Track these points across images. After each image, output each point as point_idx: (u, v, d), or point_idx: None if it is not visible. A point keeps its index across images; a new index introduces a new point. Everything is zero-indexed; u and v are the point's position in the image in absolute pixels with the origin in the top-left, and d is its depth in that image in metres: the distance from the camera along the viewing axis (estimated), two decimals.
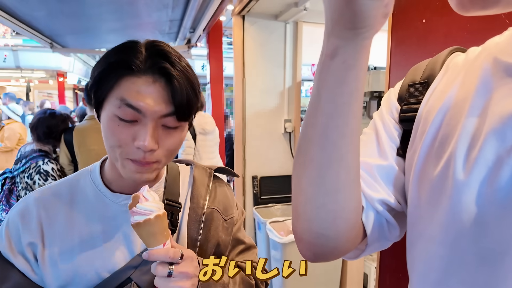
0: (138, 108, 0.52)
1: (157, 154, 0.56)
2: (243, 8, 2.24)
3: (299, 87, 2.59)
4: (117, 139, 0.54)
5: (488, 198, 0.32)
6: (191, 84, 0.56)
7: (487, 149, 0.33)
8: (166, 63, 0.54)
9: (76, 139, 1.95)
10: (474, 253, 0.33)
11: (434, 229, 0.37)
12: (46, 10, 2.35)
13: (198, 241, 0.67)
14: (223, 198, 0.74)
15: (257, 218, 2.24)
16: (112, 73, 0.54)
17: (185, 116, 0.56)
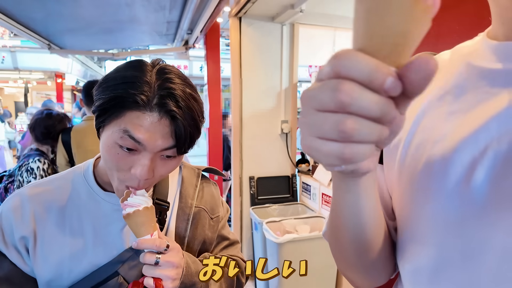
0: (140, 142, 0.53)
1: (151, 181, 0.59)
2: (239, 10, 2.25)
3: (296, 88, 2.60)
4: (115, 165, 0.56)
5: (466, 198, 0.34)
6: (195, 121, 0.56)
7: (462, 150, 0.34)
8: (173, 105, 0.53)
9: (74, 140, 1.96)
10: (459, 252, 0.34)
11: (421, 230, 0.38)
12: (44, 12, 2.36)
13: (186, 239, 0.70)
14: (210, 197, 0.77)
15: (254, 218, 2.25)
16: (118, 104, 0.53)
17: (186, 150, 0.57)
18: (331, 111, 0.25)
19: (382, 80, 0.23)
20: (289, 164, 2.61)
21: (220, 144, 3.59)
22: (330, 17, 2.49)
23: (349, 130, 0.24)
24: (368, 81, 0.23)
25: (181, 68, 8.63)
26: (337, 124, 0.24)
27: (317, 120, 0.26)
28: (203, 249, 0.73)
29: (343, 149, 0.25)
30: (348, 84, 0.23)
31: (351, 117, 0.24)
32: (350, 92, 0.23)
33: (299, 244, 1.89)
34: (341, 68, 0.24)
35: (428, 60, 0.23)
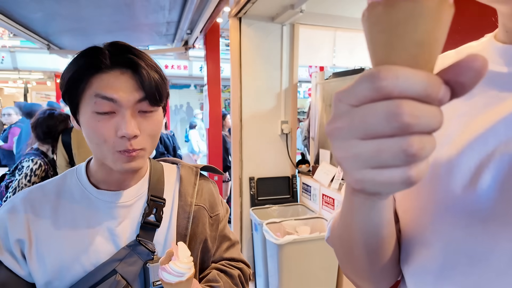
0: (112, 98, 0.56)
1: (142, 140, 0.60)
2: (239, 10, 2.25)
3: (296, 89, 2.60)
4: (100, 135, 0.57)
5: (472, 202, 0.33)
6: (156, 71, 0.61)
7: (469, 154, 0.34)
8: (130, 55, 0.58)
9: (75, 140, 1.95)
10: (465, 255, 0.34)
11: (427, 233, 0.38)
12: (43, 12, 2.35)
13: (187, 237, 0.70)
14: (209, 195, 0.77)
15: (254, 219, 2.25)
16: (82, 76, 0.57)
17: (157, 100, 0.60)
18: (387, 136, 0.22)
19: (438, 91, 0.22)
20: (289, 165, 2.61)
21: (219, 144, 3.59)
22: (331, 17, 2.49)
23: (417, 151, 0.22)
24: (425, 95, 0.22)
25: (181, 68, 8.62)
26: (402, 148, 0.22)
27: (368, 150, 0.23)
28: (204, 248, 0.74)
29: (408, 172, 0.23)
30: (408, 103, 0.21)
31: (415, 137, 0.22)
32: (413, 111, 0.21)
33: (300, 245, 1.89)
34: (393, 88, 0.21)
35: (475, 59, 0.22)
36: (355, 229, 0.38)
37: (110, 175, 0.65)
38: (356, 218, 0.36)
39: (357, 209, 0.35)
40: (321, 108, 2.36)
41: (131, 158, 0.59)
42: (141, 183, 0.70)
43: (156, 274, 0.63)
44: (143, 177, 0.71)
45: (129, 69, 0.58)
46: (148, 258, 0.65)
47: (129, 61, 0.58)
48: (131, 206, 0.67)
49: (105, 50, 0.59)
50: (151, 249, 0.65)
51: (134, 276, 0.63)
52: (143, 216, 0.66)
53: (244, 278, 0.79)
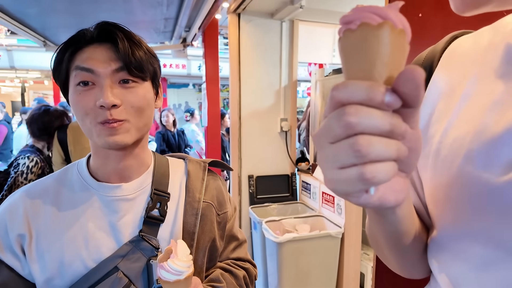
0: (89, 68, 0.57)
1: (123, 111, 0.58)
2: (238, 6, 2.22)
3: (295, 86, 2.57)
4: (82, 107, 0.57)
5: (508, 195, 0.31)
6: (138, 44, 0.61)
7: (506, 144, 0.32)
8: (105, 27, 0.59)
9: (71, 137, 1.92)
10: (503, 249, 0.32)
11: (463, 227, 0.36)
12: (38, 7, 2.31)
13: (196, 234, 0.67)
14: (218, 192, 0.74)
15: (253, 217, 2.22)
16: (65, 53, 0.59)
17: (136, 69, 0.59)
18: (342, 138, 0.25)
19: (381, 96, 0.25)
20: (289, 163, 2.58)
21: (218, 143, 3.56)
22: (331, 14, 2.46)
23: (363, 148, 0.24)
24: (368, 99, 0.25)
25: (179, 67, 8.59)
26: (351, 146, 0.25)
27: (332, 152, 0.26)
28: (212, 247, 0.71)
29: (362, 169, 0.25)
30: (352, 106, 0.25)
31: (362, 136, 0.25)
32: (355, 112, 0.24)
33: (299, 243, 1.86)
34: (341, 96, 0.25)
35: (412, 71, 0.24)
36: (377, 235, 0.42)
37: (106, 161, 0.63)
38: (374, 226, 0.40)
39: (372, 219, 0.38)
40: (320, 105, 2.34)
41: (113, 130, 0.57)
42: (144, 176, 0.67)
43: None
44: (146, 169, 0.68)
45: (108, 41, 0.59)
46: (152, 255, 0.62)
47: (108, 32, 0.58)
48: (133, 200, 0.64)
49: (88, 28, 0.61)
50: (155, 245, 0.62)
51: (137, 273, 0.61)
52: (146, 210, 0.64)
53: (249, 279, 0.76)
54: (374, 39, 0.25)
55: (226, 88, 8.35)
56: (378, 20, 0.25)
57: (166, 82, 9.67)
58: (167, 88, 9.90)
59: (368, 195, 0.27)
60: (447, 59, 0.43)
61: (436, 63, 0.44)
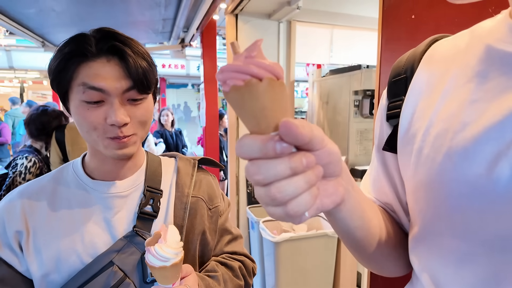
0: (100, 88, 0.56)
1: (131, 127, 0.60)
2: (236, 7, 2.23)
3: (293, 86, 2.58)
4: (90, 122, 0.58)
5: (488, 191, 0.32)
6: (143, 57, 0.60)
7: (486, 141, 0.32)
8: (115, 42, 0.57)
9: (69, 137, 1.93)
10: (481, 244, 0.33)
11: (443, 224, 0.37)
12: (36, 8, 2.32)
13: (184, 228, 0.69)
14: (208, 187, 0.76)
15: (251, 217, 2.23)
16: (68, 64, 0.57)
17: (145, 87, 0.59)
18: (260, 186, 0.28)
19: (273, 149, 0.26)
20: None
21: (216, 143, 3.57)
22: (327, 15, 2.48)
23: (276, 195, 0.27)
24: (264, 154, 0.27)
25: (178, 67, 8.59)
26: (267, 195, 0.27)
27: (257, 193, 0.29)
28: (203, 240, 0.72)
29: (285, 209, 0.28)
30: (253, 163, 0.27)
31: (273, 185, 0.27)
32: (257, 169, 0.27)
33: (296, 243, 1.87)
34: (243, 155, 0.28)
35: (285, 125, 0.26)
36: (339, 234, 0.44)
37: (104, 163, 0.65)
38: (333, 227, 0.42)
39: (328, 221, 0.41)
40: (318, 105, 2.35)
41: (122, 145, 0.59)
42: (137, 174, 0.69)
43: None
44: (139, 168, 0.70)
45: (116, 56, 0.57)
46: None
47: (115, 48, 0.57)
48: (127, 196, 0.66)
49: (90, 37, 0.58)
50: None
51: (132, 267, 0.63)
52: (139, 206, 0.66)
53: (246, 271, 0.77)
54: (247, 97, 0.27)
55: None
56: (243, 78, 0.26)
57: (165, 82, 9.67)
58: (166, 88, 9.89)
59: (304, 216, 0.29)
60: (427, 61, 0.44)
61: (416, 65, 0.45)
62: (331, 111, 2.19)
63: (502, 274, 0.32)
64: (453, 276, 0.36)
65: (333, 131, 2.19)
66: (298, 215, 0.28)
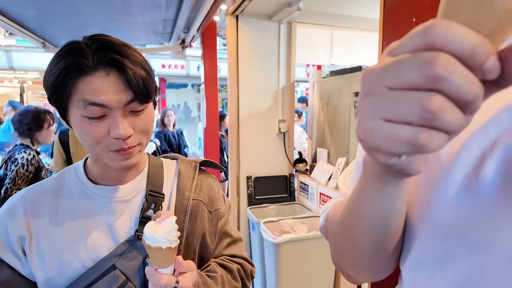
0: (102, 104, 0.55)
1: (135, 138, 0.60)
2: (236, 8, 2.24)
3: (293, 88, 2.59)
4: (93, 137, 0.57)
5: (474, 192, 0.32)
6: (142, 66, 0.58)
7: (471, 143, 0.33)
8: (112, 54, 0.55)
9: (73, 139, 1.94)
10: (464, 245, 0.33)
11: (425, 224, 0.37)
12: (37, 9, 2.32)
13: (184, 231, 0.69)
14: (209, 190, 0.76)
15: (251, 218, 2.23)
16: (66, 79, 0.55)
17: (146, 98, 0.58)
18: (413, 88, 0.21)
19: (485, 58, 0.20)
20: (287, 164, 2.60)
21: (217, 144, 3.57)
22: (328, 16, 2.48)
23: (436, 110, 0.20)
24: (470, 56, 0.20)
25: (178, 68, 8.58)
26: (421, 102, 0.21)
27: (387, 99, 0.22)
28: (203, 243, 0.72)
29: (418, 133, 0.21)
30: (446, 55, 0.20)
31: (440, 96, 0.21)
32: (448, 64, 0.20)
33: (297, 244, 1.88)
34: (439, 39, 0.20)
35: None
36: (363, 213, 0.37)
37: (107, 170, 0.65)
38: (366, 201, 0.36)
39: (368, 190, 0.34)
40: (318, 107, 2.35)
41: (127, 156, 0.59)
42: (139, 178, 0.69)
43: None
44: (141, 172, 0.70)
45: (114, 67, 0.56)
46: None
47: (113, 60, 0.55)
48: (129, 201, 0.67)
49: (85, 48, 0.56)
50: None
51: (133, 271, 0.63)
52: (141, 211, 0.66)
53: (244, 274, 0.77)
54: None
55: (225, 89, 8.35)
56: None
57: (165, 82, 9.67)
58: (166, 88, 9.89)
59: (399, 159, 0.24)
60: None
61: None
62: (332, 112, 2.19)
63: (480, 276, 0.32)
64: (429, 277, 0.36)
65: (333, 132, 2.20)
66: (421, 149, 0.22)
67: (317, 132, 2.39)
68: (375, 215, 0.36)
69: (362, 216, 0.37)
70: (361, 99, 0.25)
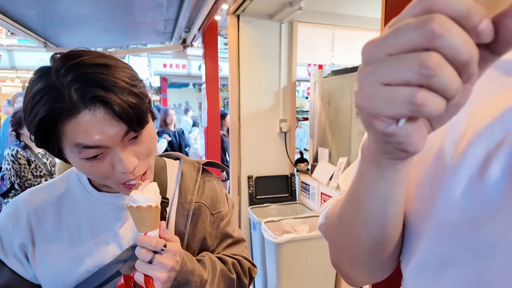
0: (97, 145, 0.51)
1: (142, 166, 0.58)
2: (237, 8, 2.23)
3: (295, 87, 2.58)
4: (99, 174, 0.55)
5: (479, 194, 0.32)
6: (130, 91, 0.52)
7: (476, 143, 0.32)
8: (94, 91, 0.48)
9: None
10: (469, 248, 0.33)
11: (429, 226, 0.36)
12: (38, 9, 2.33)
13: (186, 235, 0.68)
14: (212, 192, 0.75)
15: (252, 218, 2.23)
16: (48, 126, 0.50)
17: (141, 124, 0.54)
18: (411, 50, 0.22)
19: (479, 19, 0.21)
20: (288, 163, 2.59)
21: (218, 143, 3.57)
22: (329, 15, 2.47)
23: (433, 66, 0.21)
24: (465, 17, 0.21)
25: (179, 67, 8.59)
26: (419, 59, 0.21)
27: (387, 63, 0.23)
28: (203, 246, 0.71)
29: (416, 91, 0.22)
30: (442, 15, 0.21)
31: (437, 54, 0.21)
32: (444, 23, 0.21)
33: (298, 244, 1.87)
34: (436, 3, 0.21)
35: None
36: (361, 202, 0.37)
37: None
38: (364, 187, 0.35)
39: (366, 176, 0.34)
40: (319, 106, 2.35)
41: (136, 184, 0.59)
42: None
43: None
44: None
45: (99, 103, 0.49)
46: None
47: (97, 98, 0.49)
48: None
49: (60, 87, 0.49)
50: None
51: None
52: None
53: (241, 269, 0.74)
54: None
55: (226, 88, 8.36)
56: None
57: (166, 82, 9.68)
58: (167, 88, 9.90)
59: (397, 126, 0.24)
60: None
61: None
62: (333, 112, 2.19)
63: (485, 278, 0.31)
64: (433, 279, 0.36)
65: (334, 131, 2.19)
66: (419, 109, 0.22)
67: (318, 131, 2.39)
68: (373, 203, 0.36)
69: (360, 206, 0.37)
70: (361, 68, 0.26)
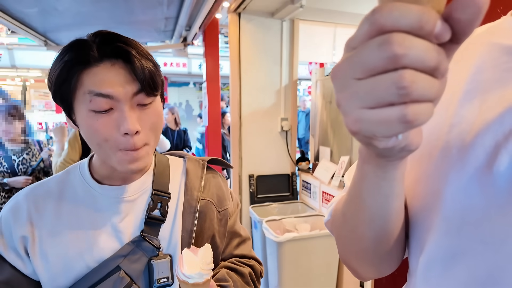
0: (108, 95, 0.53)
1: (143, 136, 0.57)
2: (238, 5, 2.22)
3: (296, 86, 2.57)
4: (101, 134, 0.55)
5: (488, 185, 0.31)
6: (148, 58, 0.57)
7: (484, 134, 0.32)
8: (117, 43, 0.54)
9: None
10: (478, 240, 0.32)
11: (437, 219, 0.36)
12: (38, 7, 2.32)
13: (194, 232, 0.67)
14: (217, 189, 0.74)
15: (254, 217, 2.23)
16: (70, 72, 0.54)
17: (153, 90, 0.57)
18: (380, 72, 0.22)
19: (432, 25, 0.21)
20: (289, 162, 2.59)
21: (219, 142, 3.56)
22: (331, 13, 2.46)
23: (409, 84, 0.21)
24: (418, 27, 0.21)
25: (179, 66, 8.58)
26: (393, 81, 0.22)
27: (363, 88, 0.23)
28: (213, 244, 0.71)
29: (404, 109, 0.22)
30: (398, 34, 0.21)
31: (408, 71, 0.22)
32: (402, 41, 0.21)
33: (299, 243, 1.87)
34: (386, 21, 0.22)
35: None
36: (364, 200, 0.37)
37: (113, 171, 0.64)
38: (366, 188, 0.35)
39: (368, 178, 0.34)
40: (321, 105, 2.34)
41: (136, 157, 0.57)
42: (145, 177, 0.68)
43: (161, 271, 0.63)
44: (147, 171, 0.69)
45: (120, 58, 0.54)
46: (153, 255, 0.64)
47: (119, 50, 0.54)
48: (134, 201, 0.65)
49: (90, 41, 0.55)
50: (156, 245, 0.64)
51: (138, 272, 0.62)
52: (147, 211, 0.65)
53: (255, 276, 0.76)
54: None
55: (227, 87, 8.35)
56: None
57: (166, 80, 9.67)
58: (167, 86, 9.90)
59: (396, 139, 0.24)
60: None
61: None
62: (335, 110, 2.18)
63: (495, 271, 0.31)
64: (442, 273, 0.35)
65: (336, 130, 2.18)
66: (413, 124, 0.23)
67: (319, 130, 2.38)
68: (376, 201, 0.36)
69: (363, 205, 0.37)
70: (338, 95, 0.26)
